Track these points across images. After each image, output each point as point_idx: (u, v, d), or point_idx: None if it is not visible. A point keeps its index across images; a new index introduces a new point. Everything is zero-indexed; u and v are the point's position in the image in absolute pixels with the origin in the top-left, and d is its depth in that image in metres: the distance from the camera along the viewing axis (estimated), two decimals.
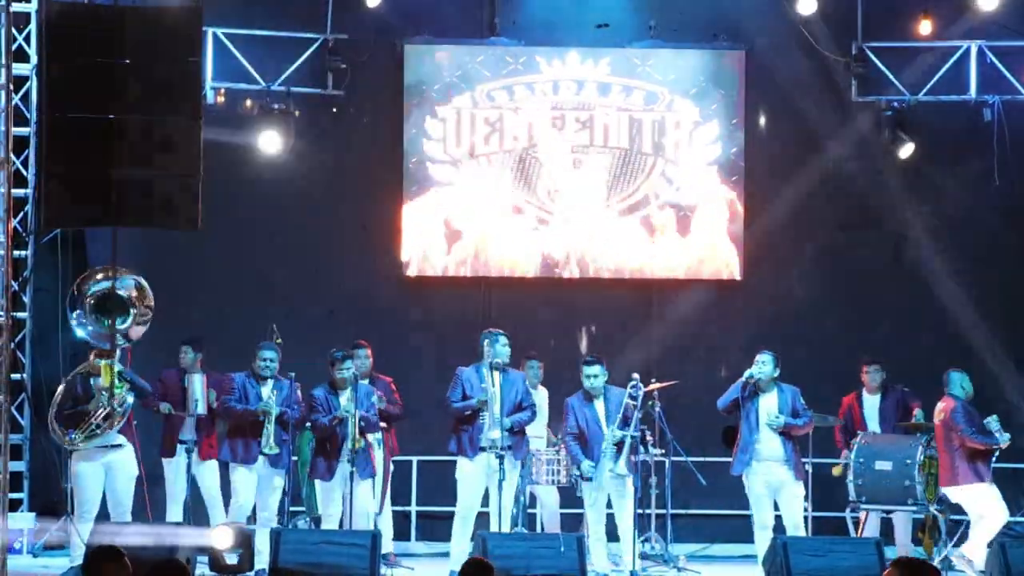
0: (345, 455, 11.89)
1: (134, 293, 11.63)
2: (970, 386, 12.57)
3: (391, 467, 12.77)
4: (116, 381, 11.73)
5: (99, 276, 11.54)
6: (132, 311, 11.56)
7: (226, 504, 12.44)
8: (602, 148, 15.03)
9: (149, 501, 12.32)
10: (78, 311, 11.48)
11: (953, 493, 12.46)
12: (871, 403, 13.23)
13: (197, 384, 12.32)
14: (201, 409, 12.33)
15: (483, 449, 11.89)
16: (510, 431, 11.90)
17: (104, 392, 11.72)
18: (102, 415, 11.75)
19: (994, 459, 12.42)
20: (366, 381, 12.52)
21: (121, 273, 11.55)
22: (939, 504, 12.64)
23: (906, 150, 14.53)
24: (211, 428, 12.67)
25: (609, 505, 12.20)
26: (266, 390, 12.11)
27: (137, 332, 11.68)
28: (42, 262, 13.41)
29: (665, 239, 15.01)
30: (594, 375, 12.16)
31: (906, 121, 14.56)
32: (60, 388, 11.96)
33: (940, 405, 12.48)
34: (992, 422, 12.38)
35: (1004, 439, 12.29)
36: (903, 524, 13.13)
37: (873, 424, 13.16)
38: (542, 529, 13.21)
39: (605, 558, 12.14)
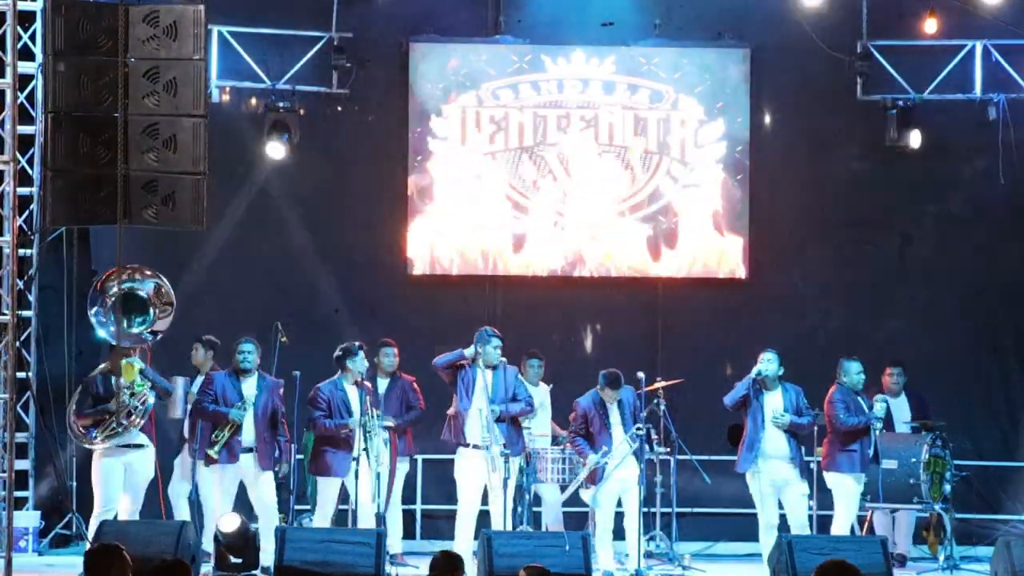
0: (351, 453, 11.93)
1: (152, 293, 11.53)
2: (861, 377, 12.55)
3: (399, 467, 12.70)
4: (138, 379, 11.75)
5: (123, 276, 11.36)
6: (152, 311, 11.47)
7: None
8: (607, 147, 15.01)
9: (163, 502, 12.33)
10: (97, 309, 11.40)
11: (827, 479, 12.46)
12: (897, 405, 13.19)
13: (179, 388, 12.34)
14: (179, 413, 12.32)
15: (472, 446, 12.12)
16: (499, 420, 12.00)
17: (126, 390, 11.72)
18: (124, 413, 11.74)
19: (856, 448, 12.30)
20: (387, 380, 12.55)
21: (145, 276, 11.52)
22: (944, 503, 12.63)
23: (914, 138, 14.52)
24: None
25: (618, 504, 12.26)
26: (249, 386, 12.00)
27: (161, 325, 11.57)
28: (47, 260, 13.42)
29: (670, 238, 15.00)
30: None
31: (911, 119, 14.56)
32: (79, 388, 11.99)
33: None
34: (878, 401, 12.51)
35: (874, 417, 12.30)
36: (903, 523, 13.13)
37: (901, 427, 13.15)
38: (545, 527, 13.21)
39: (612, 557, 12.16)
